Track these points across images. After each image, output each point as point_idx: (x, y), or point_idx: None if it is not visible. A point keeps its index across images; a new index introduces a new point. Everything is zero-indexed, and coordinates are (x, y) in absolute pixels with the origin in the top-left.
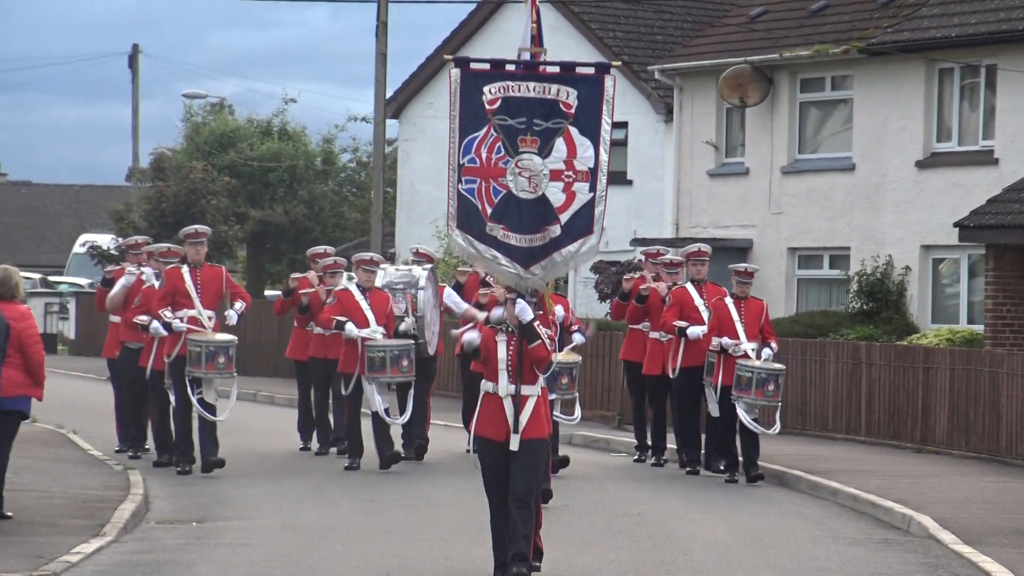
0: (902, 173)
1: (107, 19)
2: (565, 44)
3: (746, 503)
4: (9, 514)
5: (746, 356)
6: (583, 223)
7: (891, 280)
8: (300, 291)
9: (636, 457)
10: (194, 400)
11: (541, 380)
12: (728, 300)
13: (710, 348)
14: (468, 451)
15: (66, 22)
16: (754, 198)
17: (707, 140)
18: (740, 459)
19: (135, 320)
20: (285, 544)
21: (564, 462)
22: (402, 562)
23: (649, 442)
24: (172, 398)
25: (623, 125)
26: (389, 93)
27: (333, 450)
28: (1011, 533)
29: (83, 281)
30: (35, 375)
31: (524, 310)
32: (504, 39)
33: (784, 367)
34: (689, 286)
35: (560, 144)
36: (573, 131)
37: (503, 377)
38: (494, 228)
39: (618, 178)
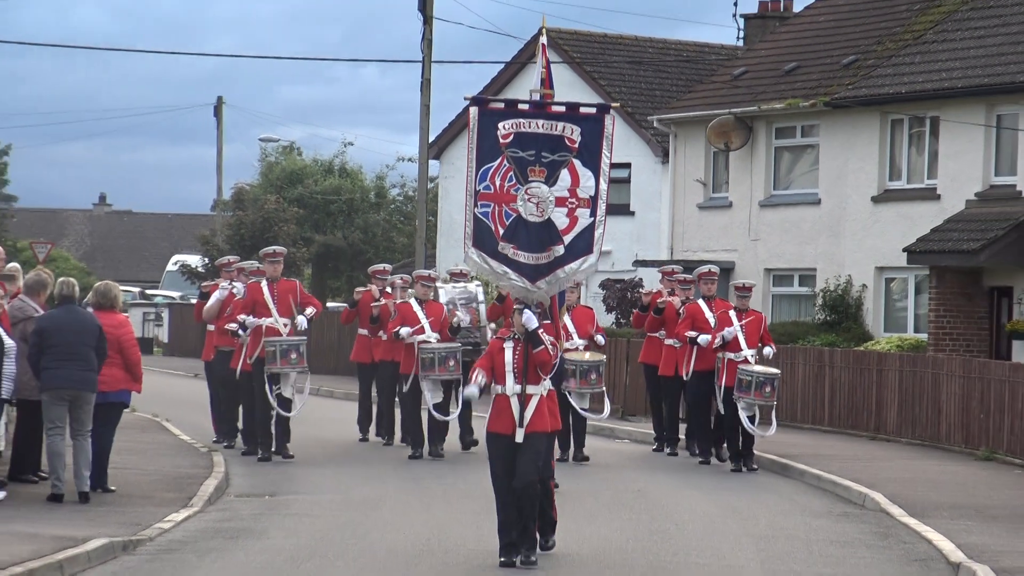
0: (860, 206)
1: (196, 75)
2: (579, 98)
3: (729, 482)
4: (113, 488)
5: (746, 362)
6: (584, 244)
7: (850, 296)
8: (371, 304)
9: (655, 447)
10: (272, 398)
11: (546, 381)
12: (731, 313)
13: (713, 347)
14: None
15: (162, 77)
16: (736, 227)
17: (697, 178)
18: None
19: (226, 327)
20: (343, 514)
21: (586, 459)
22: (441, 531)
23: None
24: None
25: (627, 165)
26: (431, 138)
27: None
28: (949, 507)
29: (175, 294)
30: (133, 372)
31: (530, 319)
32: (527, 94)
33: (779, 372)
34: (701, 301)
35: (565, 174)
36: (577, 163)
37: (509, 378)
38: (505, 247)
39: (622, 209)
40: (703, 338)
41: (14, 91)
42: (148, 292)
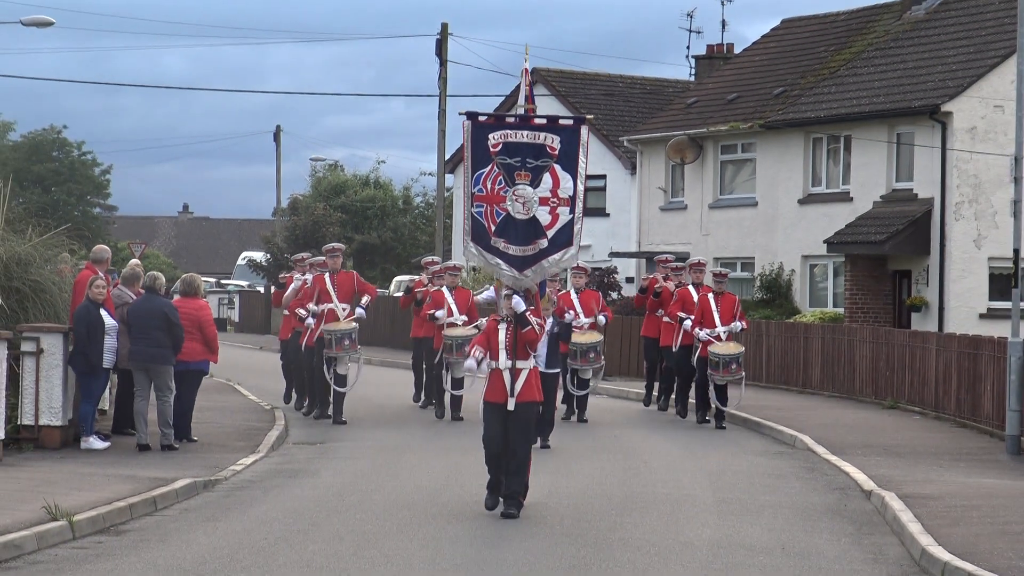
0: (789, 207)
1: (258, 108)
2: None
3: (688, 429)
4: (195, 438)
5: (719, 338)
6: (565, 237)
7: (782, 279)
8: (416, 290)
9: (645, 404)
10: (328, 376)
11: (534, 358)
12: (710, 296)
13: (694, 335)
14: (418, 403)
15: (231, 111)
16: (690, 224)
17: (659, 186)
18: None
19: (295, 311)
20: (380, 458)
21: (584, 421)
22: (458, 470)
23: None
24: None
25: (603, 176)
26: (447, 156)
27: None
28: (862, 446)
29: (244, 283)
30: (211, 346)
31: (518, 303)
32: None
33: (743, 349)
34: (690, 287)
35: (547, 177)
36: (557, 168)
37: (503, 354)
38: (497, 242)
39: (599, 212)
40: (687, 322)
41: (114, 123)
42: (222, 282)
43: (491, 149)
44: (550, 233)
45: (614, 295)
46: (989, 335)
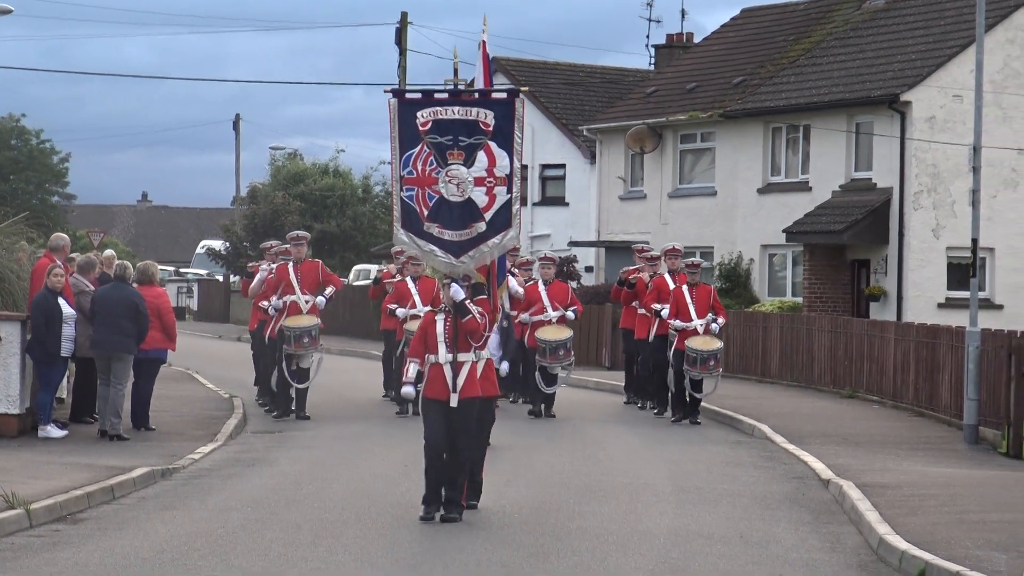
0: (748, 197)
1: (218, 97)
2: (524, 113)
3: (648, 419)
4: (153, 427)
5: (695, 332)
6: (503, 219)
7: (741, 268)
8: (384, 281)
9: (625, 400)
10: (286, 372)
11: (483, 350)
12: (684, 287)
13: (669, 326)
14: (384, 396)
15: (191, 99)
16: (650, 214)
17: (618, 175)
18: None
19: (259, 304)
20: (338, 447)
21: (552, 416)
22: (416, 459)
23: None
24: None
25: (562, 165)
26: None
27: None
28: (820, 435)
29: (202, 272)
30: (169, 333)
31: (457, 291)
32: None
33: (721, 345)
34: (666, 276)
35: (482, 156)
36: (492, 145)
37: (442, 348)
38: (430, 227)
39: (559, 201)
40: (664, 311)
41: (75, 112)
42: (181, 270)
43: (420, 128)
44: (488, 215)
45: (574, 284)
46: (947, 324)
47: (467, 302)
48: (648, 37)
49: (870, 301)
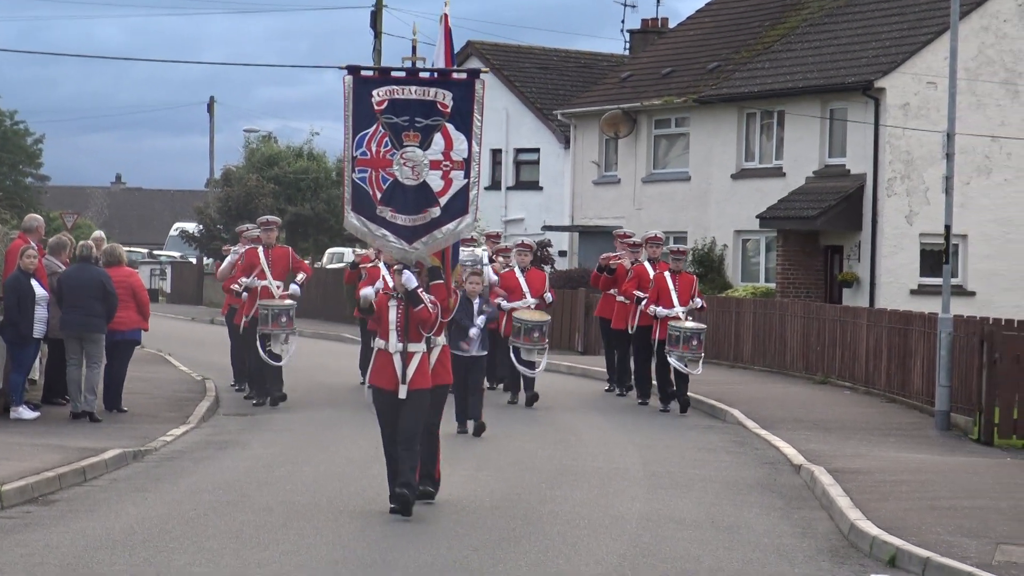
0: (722, 182)
1: (193, 79)
2: (498, 97)
3: (621, 404)
4: (126, 408)
5: (677, 318)
6: (460, 205)
7: (715, 253)
8: (362, 265)
9: (607, 388)
10: (262, 352)
11: (439, 336)
12: (666, 274)
13: (648, 311)
14: (362, 383)
15: (165, 81)
16: (624, 198)
17: (592, 160)
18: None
19: (230, 288)
20: (310, 430)
21: (536, 398)
22: None
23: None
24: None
25: (536, 150)
26: None
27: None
28: (792, 421)
29: (176, 254)
30: (143, 312)
31: (409, 279)
32: None
33: (705, 326)
34: (647, 263)
35: (439, 138)
36: (449, 127)
37: (392, 336)
38: (383, 211)
39: (533, 185)
40: (645, 301)
41: (48, 93)
42: (154, 253)
43: (375, 107)
44: (443, 200)
45: (547, 268)
46: (920, 311)
47: (420, 291)
48: (623, 22)
49: (843, 287)
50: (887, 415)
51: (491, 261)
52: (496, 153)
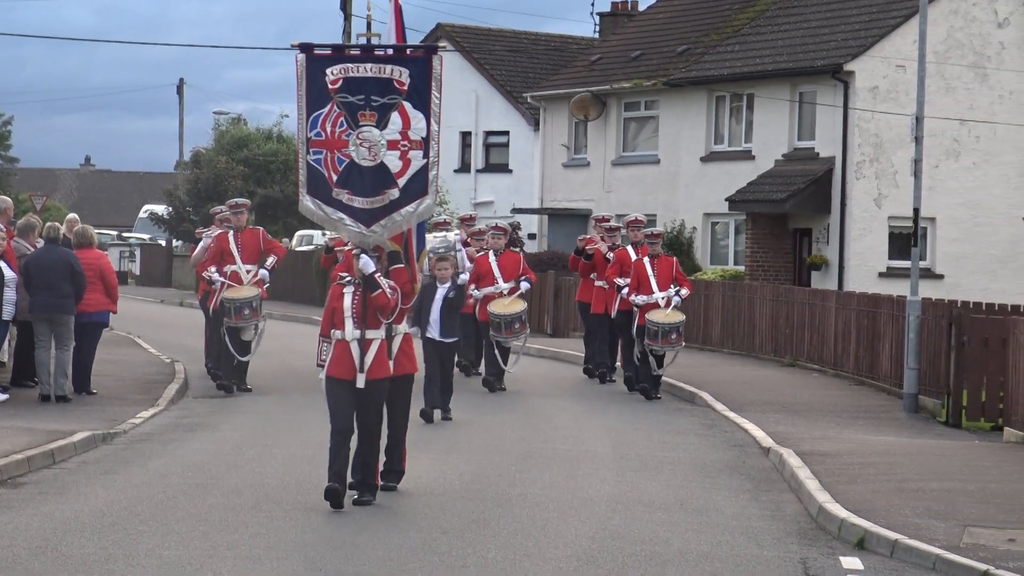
0: (691, 165)
1: (162, 61)
2: (468, 80)
3: (592, 388)
4: (95, 391)
5: (657, 305)
6: (419, 186)
7: (684, 236)
8: (336, 248)
9: (584, 368)
10: (229, 345)
11: (400, 324)
12: (645, 260)
13: (629, 298)
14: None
15: (135, 63)
16: (593, 181)
17: (562, 143)
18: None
19: (203, 274)
20: (279, 413)
21: (503, 390)
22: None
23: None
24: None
25: (505, 132)
26: None
27: None
28: (761, 403)
29: (145, 236)
30: (112, 295)
31: (367, 263)
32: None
33: (683, 318)
34: (629, 248)
35: (396, 117)
36: (407, 105)
37: (349, 323)
38: (339, 193)
39: (503, 168)
40: (625, 290)
41: (16, 74)
42: (124, 235)
43: (330, 86)
44: (401, 181)
45: (516, 250)
46: (888, 294)
47: (377, 275)
48: (593, 5)
49: (812, 270)
50: (856, 398)
51: (466, 245)
52: (466, 136)
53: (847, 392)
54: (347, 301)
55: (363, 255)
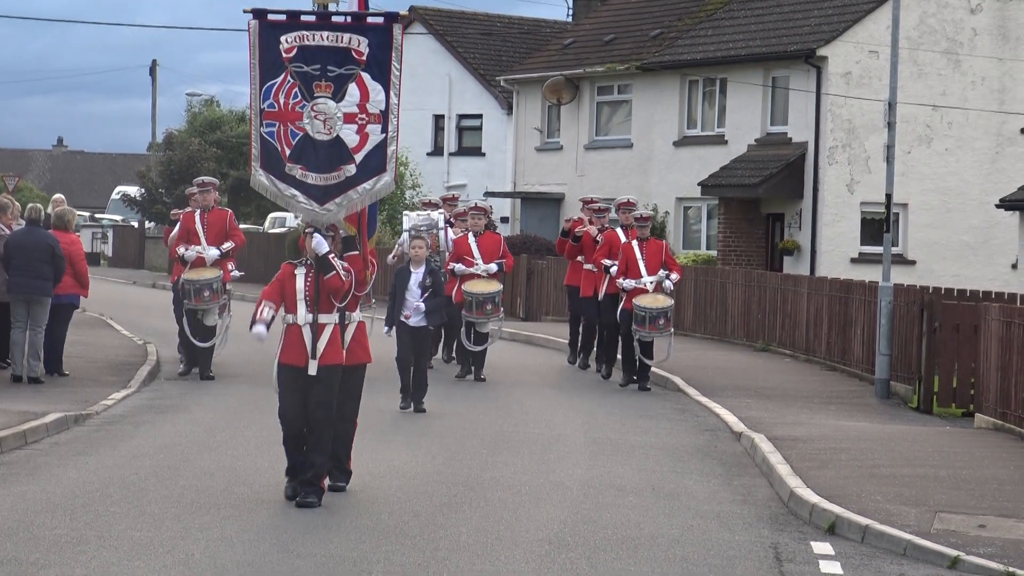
0: (664, 149)
1: (135, 42)
2: (441, 63)
3: (567, 372)
4: (67, 372)
5: (644, 289)
6: (377, 162)
7: (656, 220)
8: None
9: (568, 359)
10: (186, 329)
11: (354, 311)
12: (634, 243)
13: (617, 282)
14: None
15: (108, 44)
16: (566, 165)
17: (535, 127)
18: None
19: (175, 253)
20: (251, 395)
21: (482, 380)
22: None
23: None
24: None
25: (479, 116)
26: None
27: None
28: (733, 388)
29: (118, 218)
30: (81, 280)
31: (320, 243)
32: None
33: (672, 303)
34: (618, 230)
35: (353, 89)
36: (365, 76)
37: (301, 307)
38: (293, 168)
39: (475, 151)
40: (614, 268)
41: None
42: (96, 216)
43: (284, 55)
44: (358, 157)
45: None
46: (860, 279)
47: (331, 256)
48: None
49: (784, 255)
50: (827, 383)
51: (449, 225)
52: (439, 119)
53: (819, 377)
54: (299, 283)
55: (316, 234)
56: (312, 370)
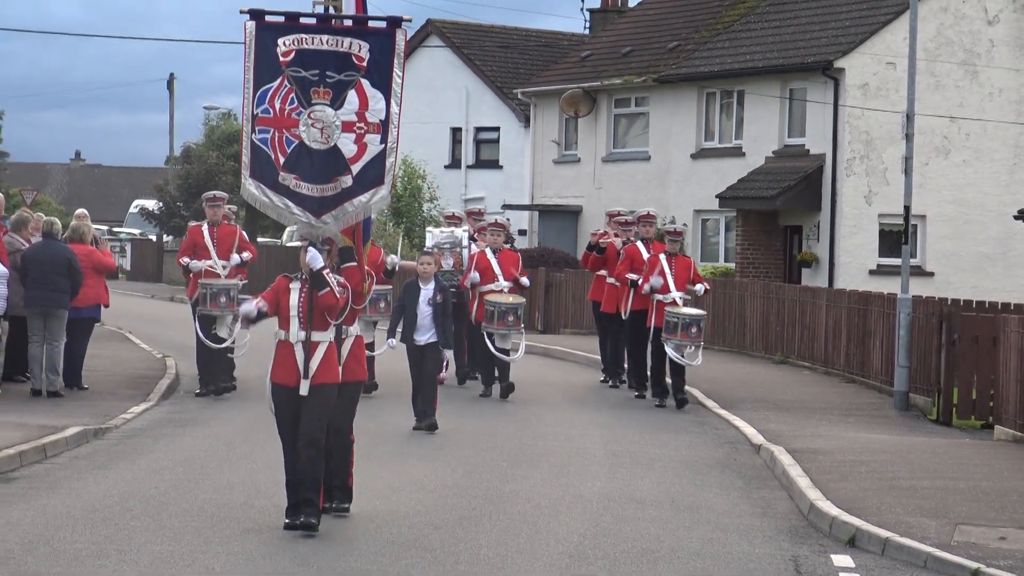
0: (681, 161)
1: (152, 56)
2: (458, 75)
3: (584, 385)
4: (86, 386)
5: (674, 303)
6: (375, 174)
7: None
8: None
9: (601, 380)
10: (202, 335)
11: (351, 326)
12: (662, 256)
13: (642, 291)
14: None
15: (124, 58)
16: (583, 178)
17: (552, 139)
18: (669, 386)
19: (179, 262)
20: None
21: (511, 388)
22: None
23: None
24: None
25: (496, 128)
26: None
27: None
28: (752, 401)
29: (136, 231)
30: (107, 272)
31: (315, 258)
32: (414, 75)
33: (704, 313)
34: (639, 243)
35: (352, 96)
36: (365, 84)
37: (294, 324)
38: (286, 178)
39: (493, 164)
40: (639, 282)
41: (4, 69)
42: (114, 230)
43: (281, 58)
44: (355, 168)
45: (507, 246)
46: (879, 291)
47: (326, 272)
48: (583, 1)
49: (802, 267)
50: (846, 395)
51: (472, 241)
52: (456, 132)
53: (838, 390)
54: (293, 298)
55: (311, 248)
56: (303, 390)
